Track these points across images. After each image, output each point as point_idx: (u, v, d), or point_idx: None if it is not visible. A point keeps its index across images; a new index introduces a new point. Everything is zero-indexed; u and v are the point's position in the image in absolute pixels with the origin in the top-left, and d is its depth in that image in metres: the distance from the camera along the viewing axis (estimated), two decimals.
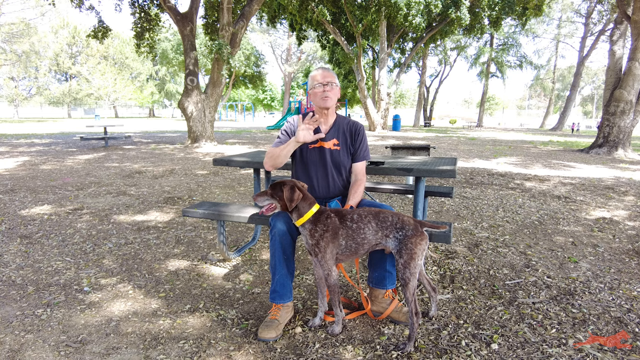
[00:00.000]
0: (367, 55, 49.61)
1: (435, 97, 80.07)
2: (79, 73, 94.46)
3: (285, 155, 4.42)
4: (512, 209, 9.18)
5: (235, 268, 5.88)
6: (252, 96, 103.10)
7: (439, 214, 8.83)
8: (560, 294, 4.94)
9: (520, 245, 6.76)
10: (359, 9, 35.61)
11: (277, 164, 4.52)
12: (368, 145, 4.87)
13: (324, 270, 3.97)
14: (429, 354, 3.71)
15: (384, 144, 23.23)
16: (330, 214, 3.98)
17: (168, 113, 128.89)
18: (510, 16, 38.30)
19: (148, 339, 4.01)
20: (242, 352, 3.80)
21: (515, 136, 41.81)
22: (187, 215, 5.82)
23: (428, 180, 12.43)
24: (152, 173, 13.89)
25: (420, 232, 3.82)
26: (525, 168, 16.13)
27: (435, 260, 6.06)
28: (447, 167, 5.08)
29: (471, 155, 20.66)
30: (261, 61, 78.71)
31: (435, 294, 4.41)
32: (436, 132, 46.78)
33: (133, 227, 7.74)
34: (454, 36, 55.08)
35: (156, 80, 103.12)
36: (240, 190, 11.12)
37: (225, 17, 22.51)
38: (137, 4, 26.06)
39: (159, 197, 10.14)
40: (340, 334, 4.08)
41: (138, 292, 5.07)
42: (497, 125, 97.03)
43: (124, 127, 42.08)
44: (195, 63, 23.29)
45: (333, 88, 4.51)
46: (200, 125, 23.56)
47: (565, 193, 10.99)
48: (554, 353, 3.72)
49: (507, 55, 71.52)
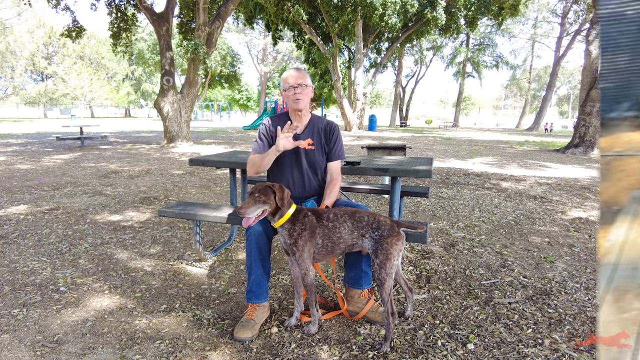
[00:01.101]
0: (343, 55, 49.64)
1: (412, 97, 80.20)
2: (55, 73, 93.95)
3: (267, 163, 4.42)
4: (488, 209, 9.21)
5: (211, 268, 5.86)
6: (228, 96, 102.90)
7: (415, 214, 8.84)
8: (536, 294, 4.96)
9: (496, 245, 6.78)
10: (335, 9, 35.60)
11: (260, 171, 4.52)
12: (343, 145, 4.87)
13: (301, 270, 3.96)
14: (405, 354, 3.71)
15: (360, 144, 23.28)
16: (308, 212, 3.97)
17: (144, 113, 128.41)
18: (486, 16, 38.55)
19: (124, 338, 3.99)
20: (218, 352, 3.79)
21: (491, 136, 42.07)
22: (163, 215, 5.79)
23: (404, 180, 12.44)
24: (128, 173, 13.83)
25: (397, 232, 3.82)
26: (501, 168, 16.22)
27: (411, 260, 6.06)
28: (423, 167, 5.09)
29: (447, 155, 20.74)
30: (237, 61, 78.69)
31: (412, 294, 4.41)
32: (412, 132, 46.94)
33: (109, 227, 7.69)
34: (430, 36, 55.27)
35: (132, 80, 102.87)
36: (217, 190, 11.07)
37: (201, 17, 22.49)
38: (113, 4, 25.99)
39: (135, 197, 10.09)
40: (316, 334, 4.06)
41: (114, 292, 5.04)
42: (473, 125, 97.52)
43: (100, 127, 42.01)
44: (172, 63, 23.22)
45: (304, 90, 4.50)
46: (177, 125, 23.50)
47: (541, 193, 11.04)
48: (530, 353, 3.73)
49: (483, 55, 71.94)
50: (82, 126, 22.87)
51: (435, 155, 20.82)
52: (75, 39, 26.01)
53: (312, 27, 39.96)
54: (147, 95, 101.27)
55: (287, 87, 4.49)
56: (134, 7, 26.25)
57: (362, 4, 32.18)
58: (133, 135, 33.66)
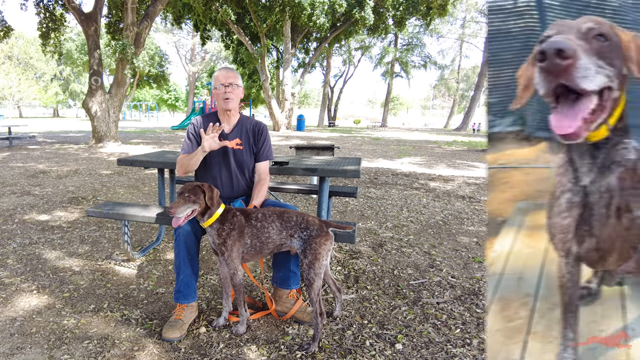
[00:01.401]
0: (271, 55, 49.68)
1: (340, 97, 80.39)
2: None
3: (195, 163, 4.42)
4: (417, 209, 9.28)
5: (139, 268, 5.81)
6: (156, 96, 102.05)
7: (344, 214, 8.87)
8: (464, 294, 5.01)
9: (424, 245, 6.83)
10: (263, 9, 35.58)
11: (188, 170, 4.52)
12: (272, 146, 4.87)
13: (230, 270, 3.95)
14: (333, 354, 3.72)
15: (288, 144, 23.31)
16: (236, 212, 3.97)
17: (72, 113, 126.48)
18: (415, 16, 38.99)
19: (52, 338, 3.94)
20: (146, 352, 3.76)
21: (420, 136, 42.49)
22: (92, 215, 5.72)
23: (332, 180, 12.47)
24: (56, 173, 13.58)
25: (325, 232, 3.83)
26: (429, 168, 16.39)
27: (339, 261, 6.08)
28: (351, 167, 5.11)
29: (375, 155, 20.89)
30: (165, 61, 78.06)
31: (340, 294, 4.42)
32: (340, 132, 47.11)
33: (37, 227, 7.57)
34: (359, 36, 55.45)
35: (60, 80, 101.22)
36: (145, 190, 11.00)
37: (130, 17, 22.23)
38: (42, 4, 25.58)
39: (63, 197, 9.93)
40: (244, 334, 4.06)
41: (42, 292, 4.97)
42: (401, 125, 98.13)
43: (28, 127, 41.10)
44: (100, 63, 22.91)
45: (235, 89, 4.49)
46: (105, 125, 23.16)
47: (469, 193, 11.18)
48: (458, 353, 3.77)
49: (411, 55, 72.45)
50: (10, 126, 22.42)
51: (363, 155, 20.96)
52: (3, 39, 25.60)
53: (241, 27, 39.85)
54: (76, 95, 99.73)
55: (218, 85, 4.47)
56: (62, 7, 25.83)
57: (290, 4, 32.19)
58: (61, 135, 33.05)
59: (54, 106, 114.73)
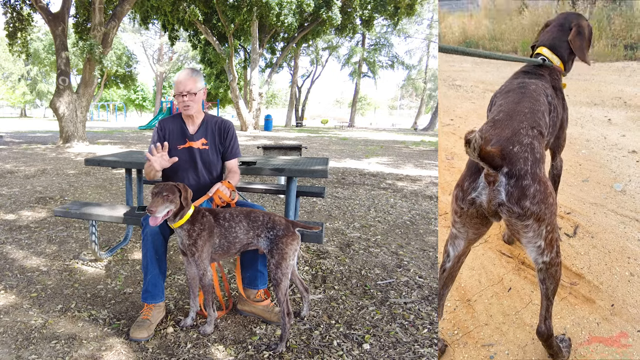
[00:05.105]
0: (239, 55, 49.57)
1: (307, 97, 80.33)
2: None
3: (155, 174, 4.40)
4: (384, 209, 9.30)
5: (107, 268, 5.78)
6: (124, 96, 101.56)
7: (311, 214, 8.88)
8: (432, 294, 5.02)
9: (392, 245, 6.84)
10: (231, 8, 35.45)
11: (153, 178, 4.51)
12: (239, 144, 4.85)
13: (200, 270, 3.95)
14: (300, 354, 3.72)
15: (255, 144, 23.26)
16: (206, 213, 3.98)
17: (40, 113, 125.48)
18: (383, 16, 39.05)
19: (20, 338, 3.92)
20: (114, 351, 3.76)
21: (387, 136, 42.54)
22: (59, 215, 5.73)
23: (300, 180, 12.44)
24: (23, 173, 13.48)
25: (292, 232, 3.85)
26: (397, 168, 16.44)
27: (307, 260, 6.08)
28: (319, 167, 5.12)
29: (343, 155, 20.92)
30: (133, 61, 77.67)
31: (307, 294, 4.42)
32: (308, 132, 47.10)
33: (4, 227, 7.52)
34: (326, 36, 55.51)
35: (28, 81, 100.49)
36: (112, 190, 10.95)
37: (97, 17, 22.12)
38: (8, 3, 25.39)
39: (30, 197, 9.86)
40: (212, 334, 4.05)
41: (10, 292, 4.94)
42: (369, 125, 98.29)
43: None
44: (67, 63, 22.80)
45: (193, 97, 4.44)
46: (72, 125, 22.99)
47: (437, 193, 11.19)
48: (426, 353, 3.78)
49: (379, 55, 72.61)
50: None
51: (331, 155, 20.97)
52: None
53: (208, 27, 39.77)
54: (43, 95, 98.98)
55: (177, 94, 4.44)
56: (29, 7, 25.64)
57: (258, 4, 32.18)
58: (29, 135, 32.75)
59: (21, 106, 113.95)
